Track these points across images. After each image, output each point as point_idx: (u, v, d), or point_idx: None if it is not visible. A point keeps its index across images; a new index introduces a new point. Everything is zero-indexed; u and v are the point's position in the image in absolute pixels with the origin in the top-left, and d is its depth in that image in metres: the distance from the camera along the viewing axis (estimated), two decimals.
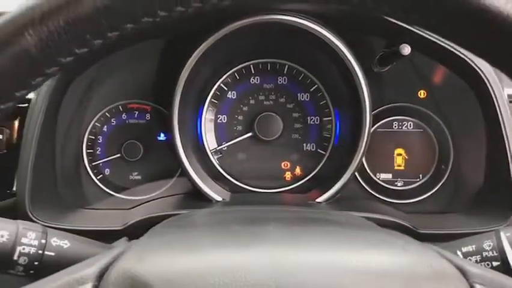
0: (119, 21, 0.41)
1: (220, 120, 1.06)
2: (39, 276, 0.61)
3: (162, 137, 1.06)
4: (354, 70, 0.88)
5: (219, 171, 1.05)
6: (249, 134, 1.04)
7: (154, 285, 0.40)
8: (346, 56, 0.88)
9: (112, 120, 1.05)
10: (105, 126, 1.05)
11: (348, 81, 0.93)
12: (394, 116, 1.06)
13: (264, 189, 1.05)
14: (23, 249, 0.59)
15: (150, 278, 0.41)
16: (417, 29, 0.82)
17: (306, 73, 1.05)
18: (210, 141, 1.06)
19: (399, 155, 1.08)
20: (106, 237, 0.77)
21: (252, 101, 1.06)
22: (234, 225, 0.54)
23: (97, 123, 1.04)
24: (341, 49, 0.88)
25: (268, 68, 1.05)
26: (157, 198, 1.01)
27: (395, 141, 1.07)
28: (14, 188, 0.79)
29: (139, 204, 0.99)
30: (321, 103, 1.05)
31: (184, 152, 0.94)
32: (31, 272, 0.60)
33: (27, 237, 0.60)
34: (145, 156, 1.04)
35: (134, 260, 0.45)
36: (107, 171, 1.05)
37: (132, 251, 0.47)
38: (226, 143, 1.06)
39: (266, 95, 1.06)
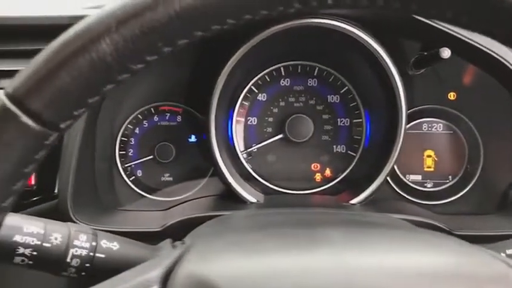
0: (191, 29, 0.42)
1: (251, 122, 1.07)
2: (90, 277, 0.62)
3: (193, 138, 1.07)
4: (391, 73, 0.89)
5: (250, 173, 1.06)
6: (280, 136, 1.05)
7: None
8: (383, 59, 0.89)
9: (144, 122, 1.06)
10: (137, 128, 1.06)
11: (383, 83, 0.94)
12: (424, 117, 1.07)
13: (294, 190, 1.06)
14: (76, 251, 0.60)
15: (219, 280, 0.42)
16: (451, 30, 0.82)
17: (337, 75, 1.05)
18: (240, 143, 1.06)
19: (429, 156, 1.09)
20: (145, 238, 0.77)
21: (282, 103, 1.07)
22: (287, 228, 0.54)
23: (129, 125, 1.05)
24: (378, 52, 0.88)
25: (299, 70, 1.06)
26: (189, 200, 1.02)
27: (424, 142, 1.08)
28: (56, 191, 0.80)
29: (174, 206, 1.00)
30: (351, 105, 1.06)
31: (220, 154, 0.94)
32: (82, 273, 0.61)
33: (79, 240, 0.61)
34: (176, 158, 1.05)
35: (200, 263, 0.45)
36: (139, 173, 1.06)
37: (195, 254, 0.48)
38: (256, 144, 1.06)
39: (296, 97, 1.07)
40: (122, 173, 1.04)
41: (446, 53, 0.81)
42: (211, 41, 0.99)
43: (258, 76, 1.05)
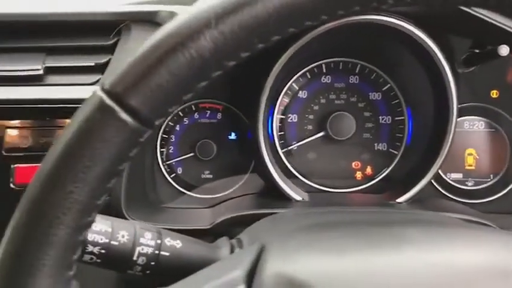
0: (286, 25, 0.41)
1: (291, 119, 1.06)
2: (155, 276, 0.62)
3: (233, 136, 1.07)
4: (444, 70, 0.88)
5: (290, 171, 1.05)
6: (322, 133, 1.04)
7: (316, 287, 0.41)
8: (437, 56, 0.88)
9: (185, 120, 1.05)
10: (177, 126, 1.05)
11: (432, 81, 0.93)
12: (466, 115, 1.06)
13: (334, 188, 1.05)
14: (142, 249, 0.60)
15: (311, 279, 0.41)
16: (507, 26, 0.81)
17: (379, 72, 1.04)
18: (280, 140, 1.06)
19: (470, 154, 1.08)
20: (193, 236, 0.78)
21: (322, 100, 1.06)
22: (362, 227, 0.53)
23: (170, 123, 1.05)
24: (432, 49, 0.87)
25: (340, 67, 1.05)
26: (232, 198, 1.01)
27: (466, 141, 1.06)
28: None
29: (218, 203, 0.99)
30: (393, 102, 1.05)
31: (267, 153, 0.94)
32: (147, 272, 0.61)
33: (145, 238, 0.60)
34: (217, 155, 1.05)
35: (287, 262, 0.45)
36: (179, 170, 1.05)
37: (278, 253, 0.47)
38: (297, 142, 1.06)
39: (337, 94, 1.06)
40: (163, 171, 1.04)
41: (504, 50, 0.80)
42: None
43: (299, 73, 1.05)
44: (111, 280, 0.84)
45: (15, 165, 0.77)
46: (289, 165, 1.05)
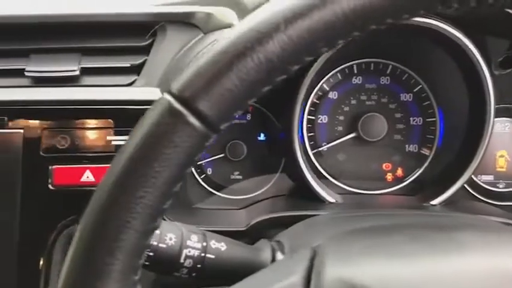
0: (351, 29, 0.41)
1: (321, 120, 1.06)
2: (201, 279, 0.61)
3: (262, 137, 1.06)
4: (483, 72, 0.87)
5: (320, 172, 1.05)
6: (353, 135, 1.03)
7: None
8: (475, 57, 0.87)
9: None
10: None
11: (469, 82, 0.92)
12: (498, 117, 1.05)
13: (365, 190, 1.05)
14: (189, 252, 0.60)
15: (375, 284, 0.41)
16: None
17: (411, 73, 1.04)
18: (310, 141, 1.05)
19: (502, 156, 1.07)
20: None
21: (353, 101, 1.05)
22: (417, 231, 0.53)
23: None
24: (470, 50, 0.86)
25: (371, 68, 1.05)
26: (262, 199, 1.01)
27: (497, 142, 1.05)
28: None
29: (250, 204, 0.99)
30: (425, 104, 1.04)
31: (300, 154, 0.94)
32: (193, 274, 0.61)
33: (191, 240, 0.60)
34: (246, 156, 1.05)
35: (347, 267, 0.44)
36: (209, 171, 1.05)
37: (336, 257, 0.47)
38: (327, 143, 1.05)
39: (368, 95, 1.05)
40: (194, 171, 1.04)
41: None
42: None
43: (330, 74, 1.04)
44: (146, 284, 0.84)
45: (54, 167, 0.77)
46: (319, 167, 1.05)
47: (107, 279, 0.37)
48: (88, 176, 0.78)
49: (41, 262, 0.77)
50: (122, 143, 0.79)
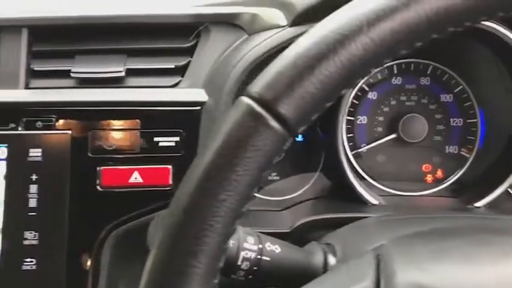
0: (430, 31, 0.40)
1: (360, 121, 1.05)
2: (256, 281, 0.61)
3: (300, 137, 1.06)
4: None
5: (359, 173, 1.04)
6: (393, 136, 1.02)
7: None
8: None
9: None
10: None
11: None
12: None
13: (404, 191, 1.04)
14: (246, 254, 0.59)
15: None
16: None
17: (451, 73, 1.03)
18: (349, 142, 1.04)
19: None
20: None
21: (393, 102, 1.04)
22: (480, 235, 0.52)
23: None
24: None
25: (411, 68, 1.04)
26: (301, 201, 1.00)
27: None
28: None
29: (291, 206, 0.99)
30: (466, 105, 1.03)
31: (344, 155, 0.93)
32: (249, 277, 0.61)
33: (248, 242, 0.60)
34: (284, 157, 1.04)
35: (420, 271, 0.44)
36: None
37: (406, 262, 0.46)
38: (366, 144, 1.04)
39: (408, 95, 1.04)
40: None
41: None
42: None
43: (370, 74, 1.03)
44: None
45: (102, 168, 0.78)
46: (358, 168, 1.04)
47: (190, 283, 0.37)
48: (136, 177, 0.78)
49: (89, 263, 0.77)
50: (168, 144, 0.80)
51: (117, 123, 0.80)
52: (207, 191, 0.37)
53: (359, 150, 1.04)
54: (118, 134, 0.80)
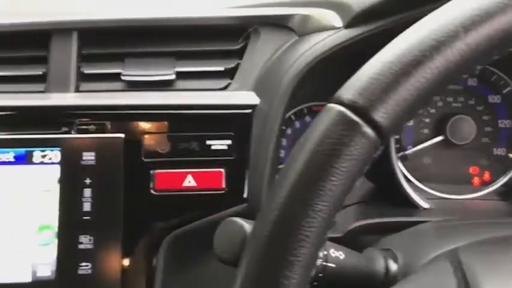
0: None
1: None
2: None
3: None
4: None
5: (406, 176, 1.03)
6: (440, 138, 1.01)
7: None
8: None
9: (296, 123, 1.04)
10: (289, 129, 1.04)
11: None
12: None
13: (451, 194, 1.02)
14: None
15: None
16: None
17: (500, 74, 1.01)
18: (396, 144, 1.03)
19: None
20: None
21: (439, 103, 1.03)
22: None
23: (282, 126, 1.03)
24: None
25: None
26: (349, 205, 0.99)
27: None
28: (245, 195, 0.79)
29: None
30: None
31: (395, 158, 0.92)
32: (314, 283, 0.60)
33: None
34: None
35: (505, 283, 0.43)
36: None
37: (486, 269, 0.45)
38: (412, 146, 1.03)
39: (455, 96, 1.02)
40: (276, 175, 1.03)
41: None
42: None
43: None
44: None
45: (155, 171, 0.78)
46: (405, 171, 1.03)
47: None
48: (189, 181, 0.77)
49: (144, 267, 0.77)
50: (220, 147, 0.79)
51: (170, 127, 0.80)
52: (304, 202, 0.36)
53: (406, 152, 1.03)
54: (171, 137, 0.80)
